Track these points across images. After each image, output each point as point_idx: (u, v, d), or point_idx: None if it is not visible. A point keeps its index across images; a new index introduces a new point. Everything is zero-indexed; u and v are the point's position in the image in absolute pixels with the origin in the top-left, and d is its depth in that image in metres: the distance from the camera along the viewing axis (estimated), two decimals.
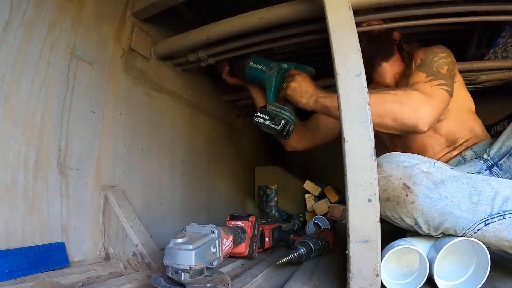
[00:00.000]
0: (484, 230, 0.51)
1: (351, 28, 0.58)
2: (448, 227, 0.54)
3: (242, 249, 0.76)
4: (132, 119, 0.90)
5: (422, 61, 0.83)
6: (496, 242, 0.51)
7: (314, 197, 1.44)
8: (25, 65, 0.63)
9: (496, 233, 0.51)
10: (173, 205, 1.05)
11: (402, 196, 0.55)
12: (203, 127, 1.28)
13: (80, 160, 0.74)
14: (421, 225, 0.56)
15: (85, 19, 0.77)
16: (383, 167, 0.59)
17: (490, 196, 0.52)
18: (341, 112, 0.55)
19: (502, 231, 0.50)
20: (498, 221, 0.51)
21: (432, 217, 0.54)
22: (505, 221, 0.50)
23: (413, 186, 0.55)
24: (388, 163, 0.59)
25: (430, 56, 0.82)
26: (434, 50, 0.84)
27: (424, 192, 0.54)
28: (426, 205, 0.54)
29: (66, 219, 0.69)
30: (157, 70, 1.02)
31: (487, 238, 0.52)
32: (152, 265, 0.69)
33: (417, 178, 0.55)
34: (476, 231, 0.52)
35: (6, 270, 0.53)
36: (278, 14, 0.80)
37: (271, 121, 0.86)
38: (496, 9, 0.76)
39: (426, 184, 0.54)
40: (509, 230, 0.50)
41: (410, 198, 0.55)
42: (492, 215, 0.51)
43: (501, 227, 0.50)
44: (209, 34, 0.90)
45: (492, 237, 0.51)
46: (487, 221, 0.51)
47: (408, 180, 0.55)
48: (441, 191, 0.54)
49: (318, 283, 0.60)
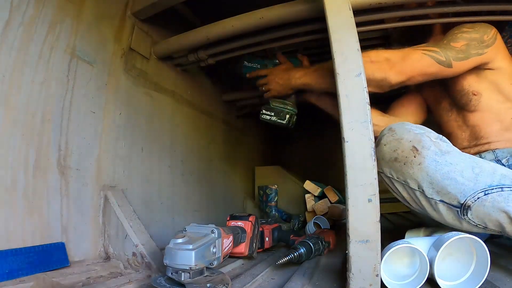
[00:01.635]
0: (483, 199, 0.54)
1: (351, 28, 0.58)
2: (450, 192, 0.56)
3: (242, 249, 0.76)
4: (132, 119, 0.90)
5: (447, 33, 0.81)
6: (494, 213, 0.53)
7: (314, 197, 1.44)
8: (25, 65, 0.63)
9: (494, 203, 0.53)
10: (173, 205, 1.05)
11: (410, 157, 0.58)
12: (203, 127, 1.28)
13: (80, 160, 0.74)
14: (425, 188, 0.58)
15: (85, 19, 0.77)
16: (395, 130, 0.62)
17: (490, 171, 0.56)
18: (341, 112, 0.55)
19: (500, 202, 0.53)
20: (497, 192, 0.53)
21: (437, 180, 0.56)
22: (503, 193, 0.53)
23: (422, 149, 0.58)
24: (400, 128, 0.62)
25: (456, 30, 0.79)
26: (464, 25, 0.79)
27: (431, 156, 0.57)
28: (432, 168, 0.57)
29: (66, 219, 0.69)
30: (157, 70, 1.02)
31: (486, 208, 0.53)
32: (152, 265, 0.69)
33: (426, 143, 0.58)
34: (476, 199, 0.54)
35: (6, 270, 0.53)
36: (278, 14, 0.80)
37: (277, 117, 0.98)
38: (496, 9, 0.76)
39: (433, 150, 0.58)
40: (506, 201, 0.52)
41: (418, 160, 0.58)
42: (492, 186, 0.54)
43: (499, 198, 0.53)
44: (209, 34, 0.90)
45: (491, 207, 0.53)
46: (487, 191, 0.54)
47: (418, 144, 0.58)
48: (447, 158, 0.57)
49: (318, 283, 0.60)
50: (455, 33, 0.78)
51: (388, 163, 0.61)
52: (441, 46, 0.76)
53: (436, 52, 0.74)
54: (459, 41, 0.76)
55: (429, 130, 0.63)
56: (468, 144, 0.84)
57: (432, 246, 0.56)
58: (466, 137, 0.85)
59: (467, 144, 0.84)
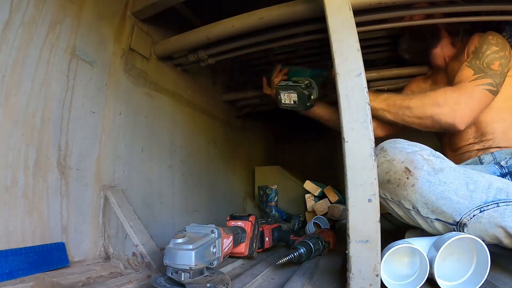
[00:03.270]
0: (479, 216, 0.54)
1: (351, 28, 0.58)
2: (445, 211, 0.56)
3: (242, 249, 0.76)
4: (132, 119, 0.90)
5: (476, 49, 0.81)
6: (490, 229, 0.53)
7: (314, 197, 1.44)
8: (25, 65, 0.63)
9: (490, 220, 0.53)
10: (173, 205, 1.05)
11: (403, 179, 0.58)
12: (203, 127, 1.28)
13: (80, 160, 0.74)
14: (420, 208, 0.57)
15: (85, 19, 0.77)
16: (387, 151, 0.61)
17: (485, 186, 0.55)
18: (341, 112, 0.55)
19: (496, 218, 0.52)
20: (493, 208, 0.53)
21: (431, 200, 0.56)
22: (499, 209, 0.53)
23: (414, 170, 0.57)
24: (391, 148, 0.61)
25: (484, 47, 0.80)
26: (489, 41, 0.80)
27: (424, 176, 0.56)
28: (425, 189, 0.56)
29: (66, 219, 0.69)
30: (157, 70, 1.02)
31: (482, 224, 0.53)
32: (152, 265, 0.69)
33: (418, 163, 0.57)
34: (472, 217, 0.54)
35: (6, 270, 0.53)
36: (278, 14, 0.80)
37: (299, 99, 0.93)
38: (496, 9, 0.76)
39: (426, 170, 0.57)
40: (502, 217, 0.52)
41: (411, 181, 0.57)
42: (487, 203, 0.54)
43: (495, 214, 0.53)
44: (209, 34, 0.90)
45: (487, 223, 0.53)
46: (482, 208, 0.54)
47: (410, 164, 0.58)
48: (440, 177, 0.56)
49: (318, 283, 0.60)
50: (486, 53, 0.79)
51: (381, 184, 0.59)
52: (488, 74, 0.76)
53: (490, 84, 0.75)
54: (495, 62, 0.78)
55: (422, 147, 0.61)
56: (473, 141, 0.84)
57: (432, 246, 0.56)
58: (470, 134, 0.85)
59: (472, 141, 0.84)
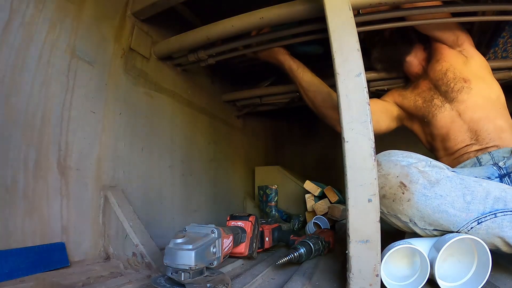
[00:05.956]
0: (477, 228, 0.53)
1: (351, 28, 0.58)
2: (442, 224, 0.55)
3: (242, 249, 0.76)
4: (132, 119, 0.90)
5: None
6: (488, 239, 0.53)
7: (314, 197, 1.44)
8: (25, 65, 0.63)
9: (488, 231, 0.53)
10: (173, 205, 1.05)
11: (398, 194, 0.57)
12: (203, 127, 1.28)
13: (80, 160, 0.74)
14: (417, 221, 0.57)
15: (85, 19, 0.77)
16: (382, 165, 0.60)
17: (482, 196, 0.54)
18: (341, 112, 0.55)
19: (494, 229, 0.52)
20: (490, 219, 0.53)
21: (428, 214, 0.56)
22: (496, 219, 0.53)
23: (410, 184, 0.56)
24: (386, 161, 0.60)
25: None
26: None
27: (420, 190, 0.56)
28: (421, 203, 0.55)
29: (66, 219, 0.69)
30: (157, 70, 1.02)
31: (480, 235, 0.53)
32: (152, 265, 0.69)
33: (413, 177, 0.56)
34: (470, 229, 0.54)
35: (6, 270, 0.53)
36: (278, 14, 0.80)
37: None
38: (496, 9, 0.76)
39: (422, 183, 0.56)
40: (500, 227, 0.52)
41: (406, 196, 0.56)
42: (485, 214, 0.53)
43: (493, 225, 0.53)
44: (209, 34, 0.90)
45: (485, 234, 0.53)
46: (480, 220, 0.53)
47: (405, 179, 0.57)
48: (436, 190, 0.55)
49: (318, 283, 0.60)
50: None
51: None
52: None
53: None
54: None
55: (418, 158, 0.60)
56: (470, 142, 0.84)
57: (433, 247, 0.56)
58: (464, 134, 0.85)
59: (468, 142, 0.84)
